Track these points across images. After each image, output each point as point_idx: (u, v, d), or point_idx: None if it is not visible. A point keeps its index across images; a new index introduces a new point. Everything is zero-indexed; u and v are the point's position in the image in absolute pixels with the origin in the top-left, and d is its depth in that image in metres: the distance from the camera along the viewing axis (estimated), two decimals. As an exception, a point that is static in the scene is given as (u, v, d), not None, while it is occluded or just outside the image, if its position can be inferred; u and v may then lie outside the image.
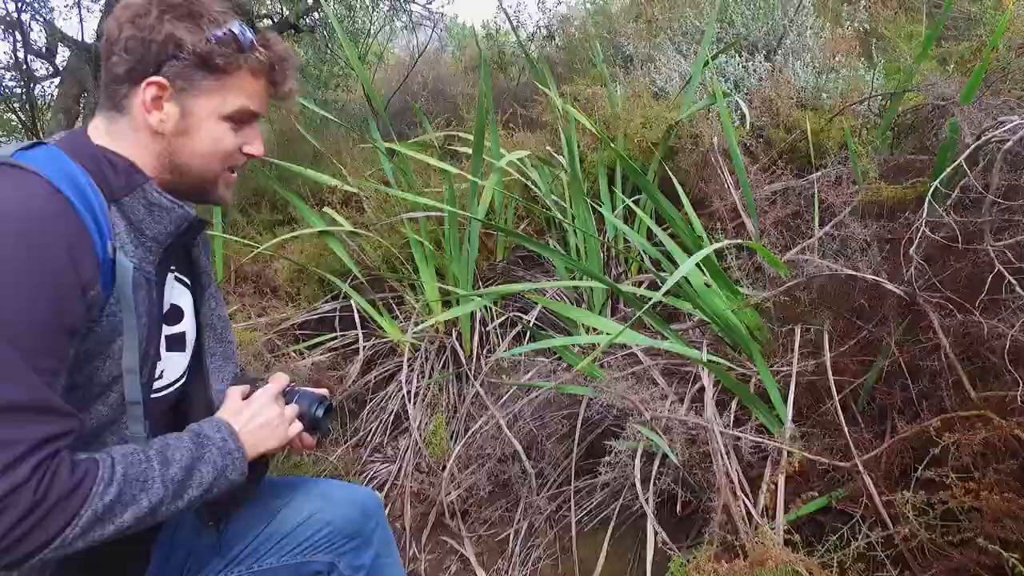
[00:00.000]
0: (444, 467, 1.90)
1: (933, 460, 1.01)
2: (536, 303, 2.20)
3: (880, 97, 2.07)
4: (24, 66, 4.15)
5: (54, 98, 4.47)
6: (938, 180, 1.23)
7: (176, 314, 0.93)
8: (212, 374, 0.98)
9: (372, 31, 5.67)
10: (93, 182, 0.76)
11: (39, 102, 4.66)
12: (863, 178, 1.79)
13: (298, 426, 0.95)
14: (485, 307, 2.20)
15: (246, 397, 0.94)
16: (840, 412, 1.30)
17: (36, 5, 4.04)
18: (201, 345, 0.97)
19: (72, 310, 0.71)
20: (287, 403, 0.97)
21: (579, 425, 1.73)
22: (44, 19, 4.19)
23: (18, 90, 4.40)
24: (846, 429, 1.25)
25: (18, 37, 3.95)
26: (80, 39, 4.54)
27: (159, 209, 0.83)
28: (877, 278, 1.38)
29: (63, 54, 4.54)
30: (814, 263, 1.51)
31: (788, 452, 1.25)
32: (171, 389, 0.93)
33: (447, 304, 2.31)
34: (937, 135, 1.65)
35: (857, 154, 1.83)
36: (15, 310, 0.66)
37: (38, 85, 4.55)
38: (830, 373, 1.36)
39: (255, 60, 0.85)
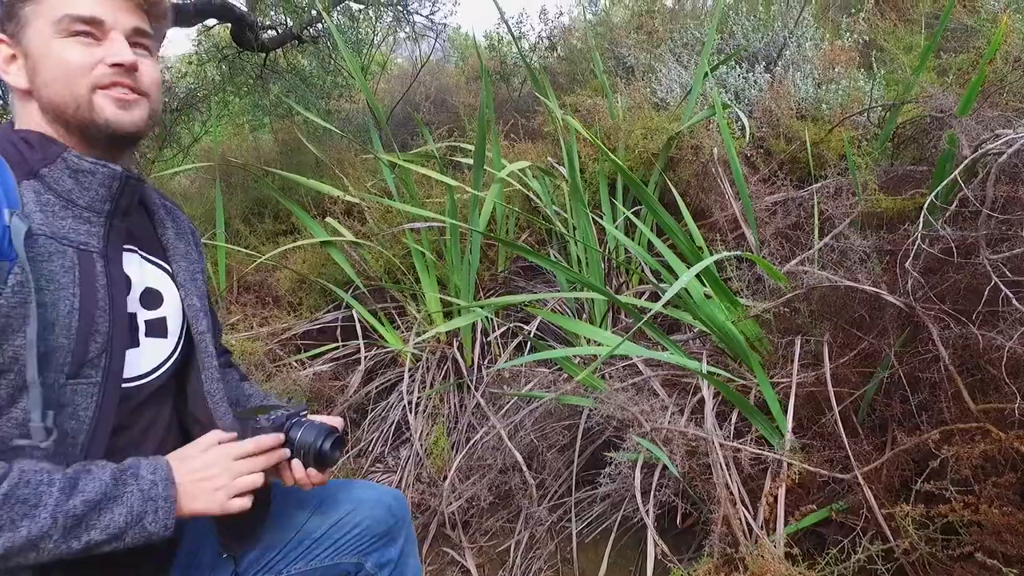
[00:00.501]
0: (445, 478, 1.90)
1: (933, 473, 1.01)
2: (537, 312, 2.21)
3: (880, 108, 2.08)
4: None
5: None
6: (934, 193, 1.23)
7: (153, 298, 0.90)
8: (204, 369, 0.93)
9: (375, 41, 5.72)
10: (5, 162, 0.76)
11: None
12: (862, 189, 1.79)
13: (241, 502, 0.83)
14: (486, 318, 2.20)
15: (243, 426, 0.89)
16: (840, 424, 1.30)
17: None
18: (191, 335, 0.94)
19: None
20: (284, 432, 0.91)
21: (579, 436, 1.73)
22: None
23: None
24: (846, 441, 1.25)
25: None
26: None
27: (84, 174, 0.81)
28: (876, 289, 1.38)
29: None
30: (814, 274, 1.52)
31: (788, 464, 1.25)
32: (151, 378, 0.88)
33: (448, 314, 2.32)
34: (936, 147, 1.66)
35: (856, 166, 1.84)
36: None
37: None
38: (830, 384, 1.36)
39: None
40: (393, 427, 2.20)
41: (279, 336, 2.39)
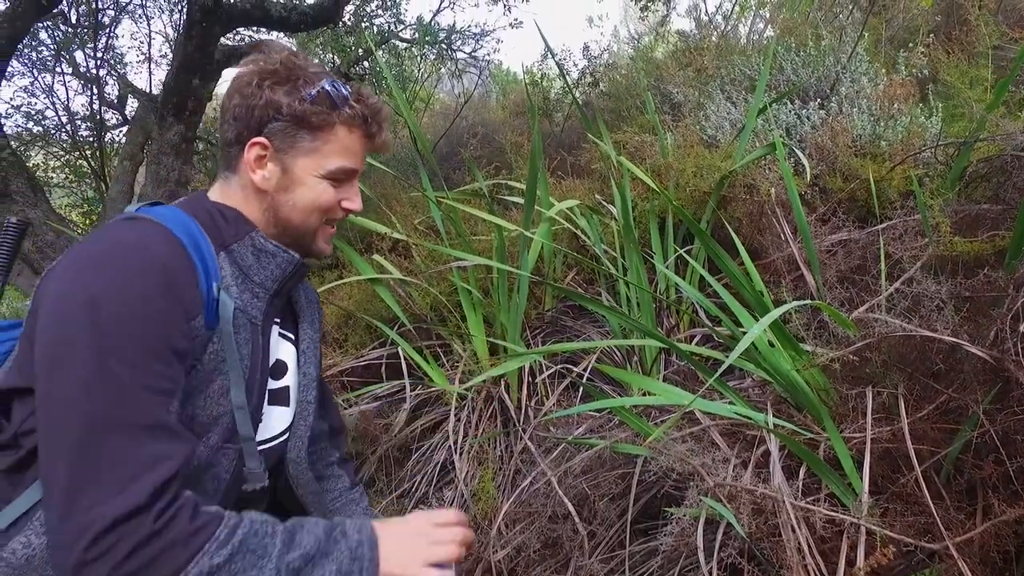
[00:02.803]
0: (491, 523, 1.84)
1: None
2: (585, 353, 2.16)
3: (948, 145, 1.99)
4: (98, 116, 4.43)
5: (121, 145, 4.75)
6: None
7: (280, 369, 0.95)
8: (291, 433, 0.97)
9: (420, 77, 5.87)
10: (204, 232, 0.82)
11: (107, 149, 4.95)
12: (933, 231, 1.71)
13: (439, 573, 0.81)
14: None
15: None
16: (923, 485, 1.21)
17: (112, 61, 4.33)
18: (297, 403, 0.98)
19: (177, 332, 0.72)
20: None
21: (634, 485, 1.66)
22: (118, 74, 4.49)
23: (91, 138, 4.69)
24: (932, 505, 1.15)
25: (94, 91, 4.23)
26: (148, 90, 4.84)
27: (265, 255, 0.87)
28: (957, 340, 1.30)
29: (132, 105, 4.84)
30: (886, 323, 1.44)
31: (868, 530, 1.16)
32: (273, 444, 0.93)
33: (494, 350, 2.28)
34: (1015, 186, 1.57)
35: (927, 205, 1.75)
36: (119, 332, 0.68)
37: (108, 133, 4.83)
38: (909, 440, 1.27)
39: (348, 115, 0.88)
40: (438, 468, 2.16)
41: (325, 373, 2.39)
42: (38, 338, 0.70)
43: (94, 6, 4.23)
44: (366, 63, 5.47)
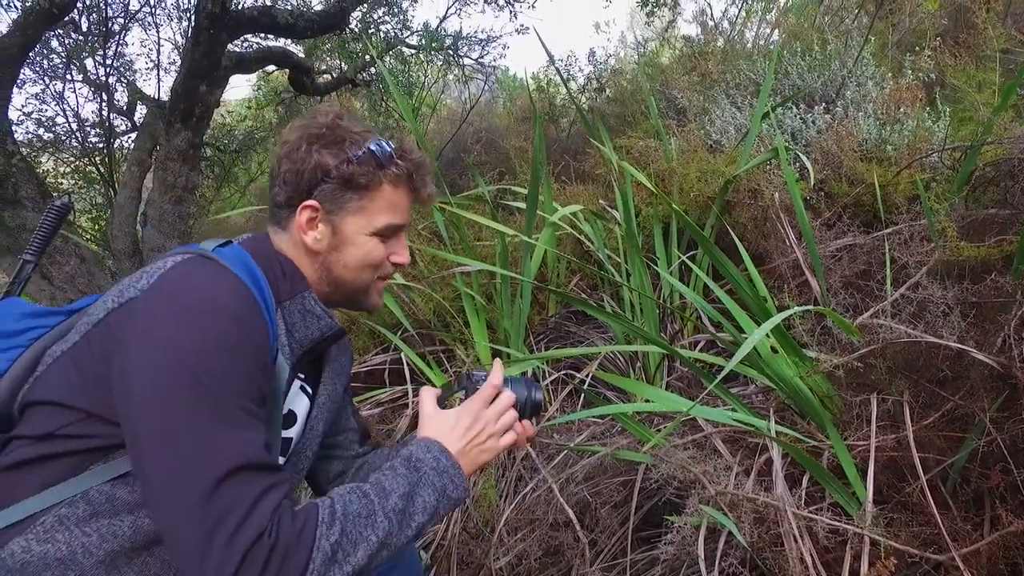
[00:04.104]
0: (493, 530, 1.83)
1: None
2: (588, 359, 2.14)
3: (954, 149, 1.97)
4: (107, 123, 4.47)
5: (130, 151, 4.80)
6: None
7: (289, 419, 0.95)
8: None
9: (426, 84, 5.90)
10: (268, 285, 0.83)
11: (117, 155, 5.01)
12: (940, 235, 1.69)
13: (510, 437, 0.92)
14: (536, 365, 2.15)
15: (440, 399, 0.94)
16: (928, 494, 1.18)
17: (121, 68, 4.38)
18: (295, 453, 0.98)
19: (263, 384, 0.77)
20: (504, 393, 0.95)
21: (636, 493, 1.64)
22: (128, 81, 4.53)
23: (100, 145, 4.73)
24: (937, 515, 1.13)
25: (104, 97, 4.27)
26: (157, 97, 4.89)
27: (311, 316, 0.89)
28: (963, 346, 1.28)
29: (141, 111, 4.90)
30: (891, 329, 1.42)
31: (872, 541, 1.14)
32: None
33: (497, 356, 2.27)
34: (1023, 190, 1.55)
35: (932, 210, 1.73)
36: (224, 386, 0.72)
37: (117, 140, 4.88)
38: (914, 449, 1.25)
39: (393, 173, 0.90)
40: (439, 474, 2.15)
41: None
42: (133, 384, 0.71)
43: (104, 14, 4.29)
44: (373, 69, 5.50)
